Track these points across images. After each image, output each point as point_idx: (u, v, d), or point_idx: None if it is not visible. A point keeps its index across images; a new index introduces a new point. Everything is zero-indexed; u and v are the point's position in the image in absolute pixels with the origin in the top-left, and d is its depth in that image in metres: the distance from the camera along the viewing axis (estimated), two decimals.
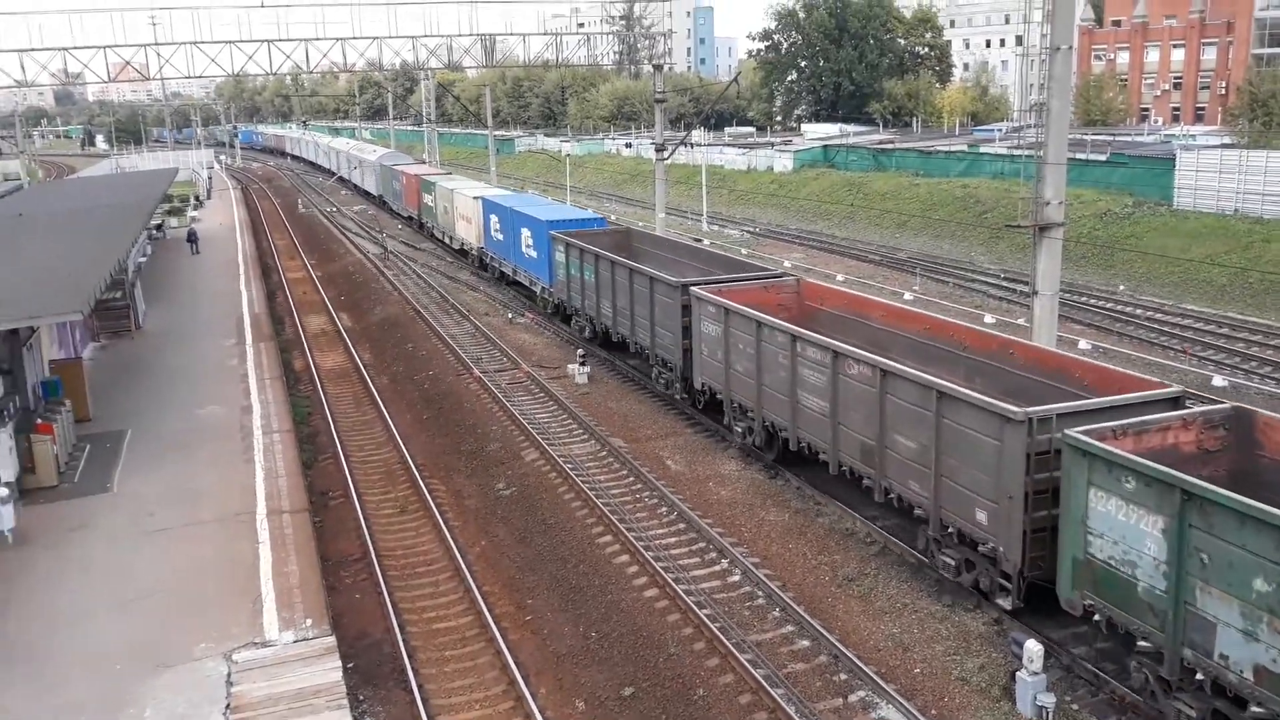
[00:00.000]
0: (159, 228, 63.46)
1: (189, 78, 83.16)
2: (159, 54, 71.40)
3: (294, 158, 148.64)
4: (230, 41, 72.70)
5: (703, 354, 26.67)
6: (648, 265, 32.03)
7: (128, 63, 70.44)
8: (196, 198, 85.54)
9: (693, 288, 27.20)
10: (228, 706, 14.60)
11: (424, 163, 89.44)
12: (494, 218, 47.61)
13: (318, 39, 75.26)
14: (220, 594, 17.88)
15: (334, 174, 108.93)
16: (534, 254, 41.24)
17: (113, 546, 19.94)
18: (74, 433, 25.87)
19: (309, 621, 16.90)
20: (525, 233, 42.11)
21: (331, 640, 16.40)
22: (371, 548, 22.30)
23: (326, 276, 57.61)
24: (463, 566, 21.28)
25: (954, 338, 22.95)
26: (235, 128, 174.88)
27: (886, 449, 19.80)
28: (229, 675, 15.39)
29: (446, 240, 59.95)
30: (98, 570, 18.95)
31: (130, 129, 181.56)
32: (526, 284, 44.20)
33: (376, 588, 20.66)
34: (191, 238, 58.45)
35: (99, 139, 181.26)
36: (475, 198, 50.99)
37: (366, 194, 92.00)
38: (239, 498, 22.17)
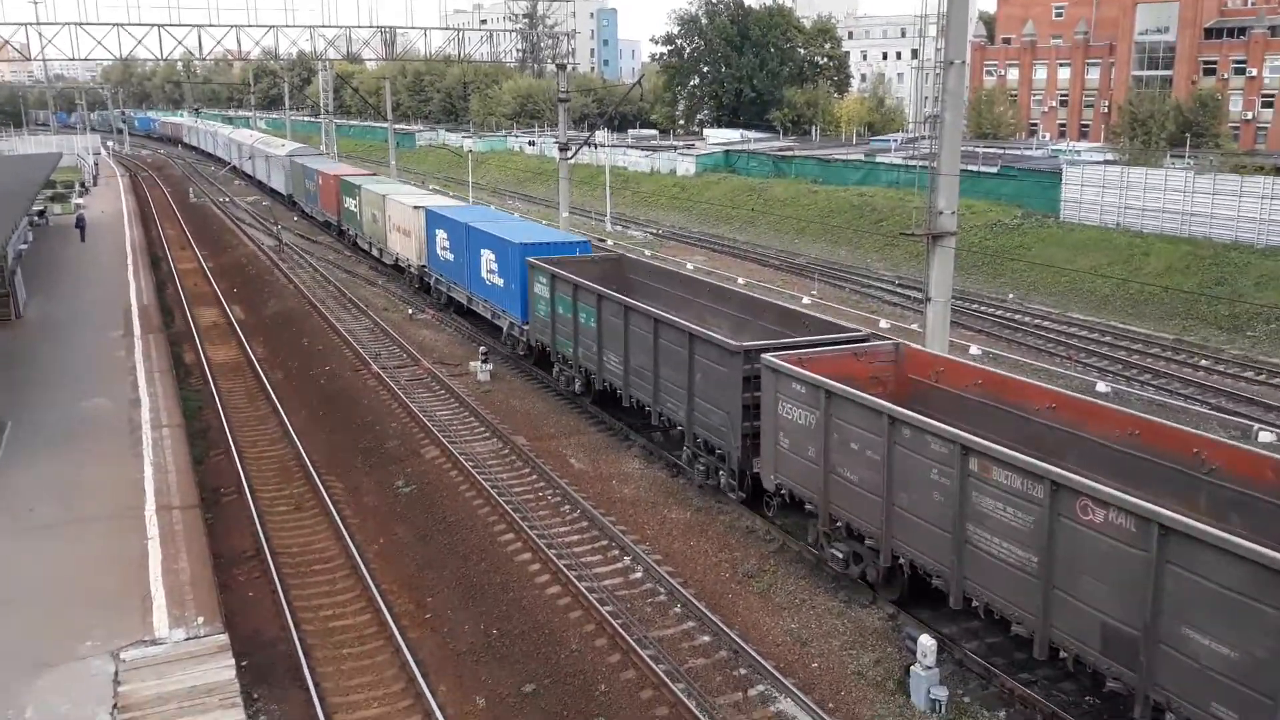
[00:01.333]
0: (41, 214, 60.98)
1: (73, 60, 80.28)
2: (40, 34, 68.76)
3: (191, 148, 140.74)
4: (118, 24, 70.36)
5: (780, 445, 19.90)
6: (644, 301, 27.09)
7: (6, 41, 67.64)
8: (82, 184, 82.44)
9: (766, 355, 20.14)
10: (115, 706, 14.15)
11: (322, 154, 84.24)
12: (441, 233, 40.41)
13: (211, 25, 73.63)
14: (107, 592, 17.30)
15: (228, 164, 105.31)
16: (499, 281, 34.27)
17: None
18: None
19: (200, 619, 16.48)
20: (487, 255, 35.13)
21: (224, 638, 16.02)
22: (265, 545, 21.81)
23: (219, 268, 56.08)
24: (360, 564, 20.97)
25: (1187, 451, 15.63)
26: (124, 113, 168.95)
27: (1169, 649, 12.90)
28: (116, 674, 14.91)
29: (375, 253, 52.23)
30: None
31: (10, 110, 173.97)
32: (488, 317, 36.35)
33: (271, 585, 20.21)
34: (80, 224, 56.32)
35: None
36: (416, 207, 43.51)
37: (273, 192, 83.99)
38: (127, 493, 21.47)
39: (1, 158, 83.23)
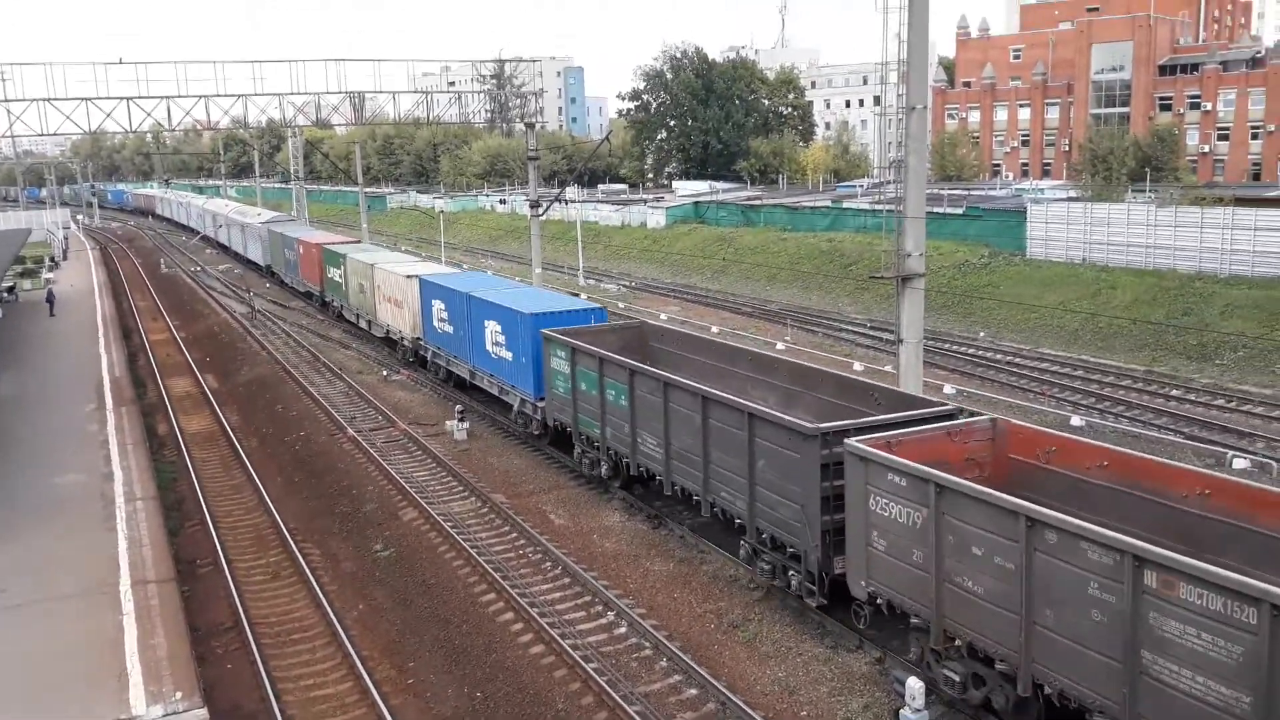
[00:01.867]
0: (10, 290, 60.66)
1: (42, 135, 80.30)
2: (9, 110, 68.87)
3: (164, 219, 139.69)
4: (87, 99, 70.58)
5: (874, 547, 16.69)
6: (673, 371, 24.87)
7: None
8: (52, 259, 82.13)
9: (851, 441, 17.17)
10: None
11: (298, 221, 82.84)
12: (438, 304, 37.77)
13: (180, 96, 73.72)
14: (83, 670, 16.97)
15: (200, 235, 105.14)
16: (506, 354, 31.88)
17: None
18: None
19: (179, 695, 16.18)
20: (492, 327, 32.73)
21: (203, 713, 15.74)
22: (243, 616, 21.50)
23: (191, 337, 55.84)
24: (340, 631, 20.69)
25: None
26: (94, 186, 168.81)
27: None
28: None
29: (363, 325, 49.15)
30: None
31: None
32: (494, 393, 33.96)
33: (250, 657, 19.90)
34: (50, 299, 56.06)
35: None
36: (409, 276, 40.93)
37: (250, 263, 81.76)
38: (101, 568, 21.15)
39: None
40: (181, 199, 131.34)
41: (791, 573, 19.33)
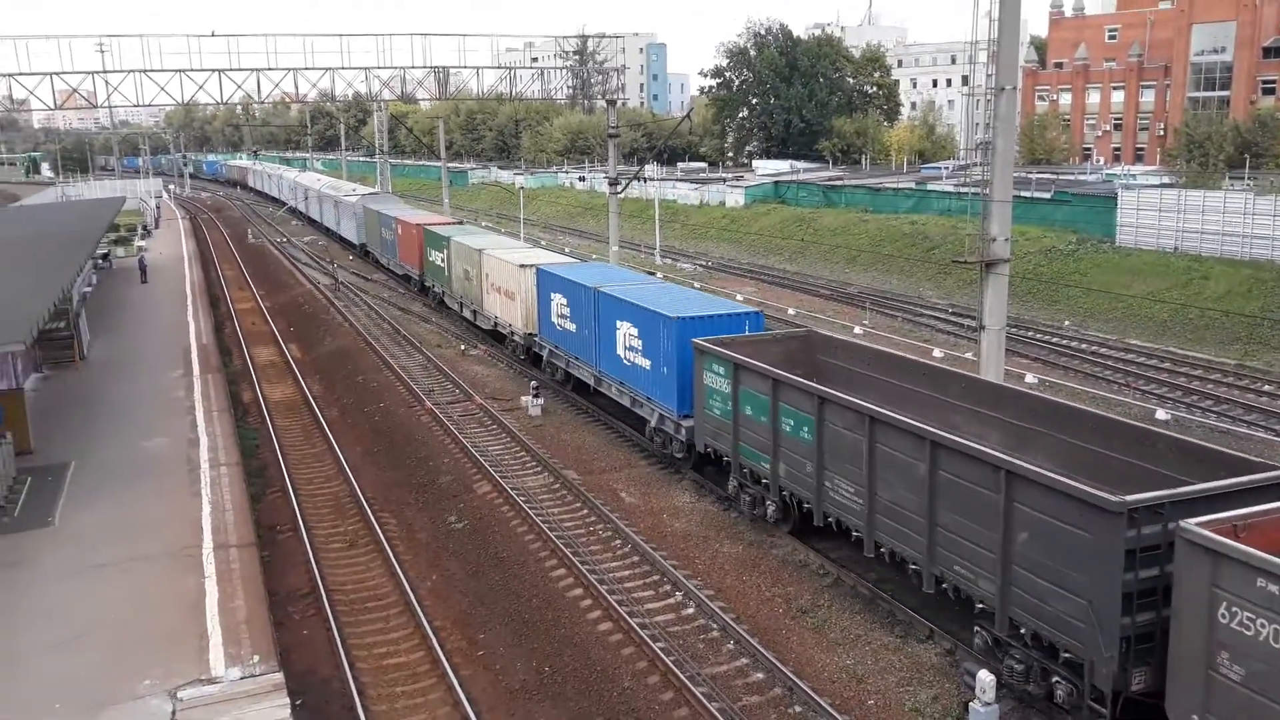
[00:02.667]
0: (105, 257, 62.52)
1: (137, 106, 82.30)
2: (107, 81, 70.70)
3: (255, 191, 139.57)
4: (180, 70, 72.15)
5: (1225, 673, 12.27)
6: (848, 392, 20.69)
7: (74, 90, 69.60)
8: (144, 227, 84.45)
9: (1187, 525, 12.84)
10: None
11: (389, 195, 78.64)
12: (559, 298, 34.08)
13: (269, 69, 74.92)
14: (165, 630, 17.49)
15: (292, 208, 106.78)
16: (643, 362, 27.87)
17: (54, 583, 19.44)
18: (14, 465, 25.28)
19: (256, 658, 16.59)
20: (626, 329, 28.85)
21: (279, 677, 16.11)
22: (320, 583, 21.98)
23: (276, 307, 57.05)
24: (413, 601, 21.04)
25: None
26: (185, 157, 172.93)
27: None
28: (173, 713, 15.03)
29: (467, 315, 45.71)
30: (37, 608, 18.45)
31: (77, 157, 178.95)
32: (625, 403, 29.69)
33: (325, 623, 20.35)
34: (142, 266, 57.69)
35: (44, 167, 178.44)
36: (523, 266, 37.48)
37: (343, 240, 78.89)
38: (185, 532, 21.76)
39: (69, 203, 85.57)
40: (273, 171, 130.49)
41: (1056, 680, 15.13)
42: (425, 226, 52.86)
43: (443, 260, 48.52)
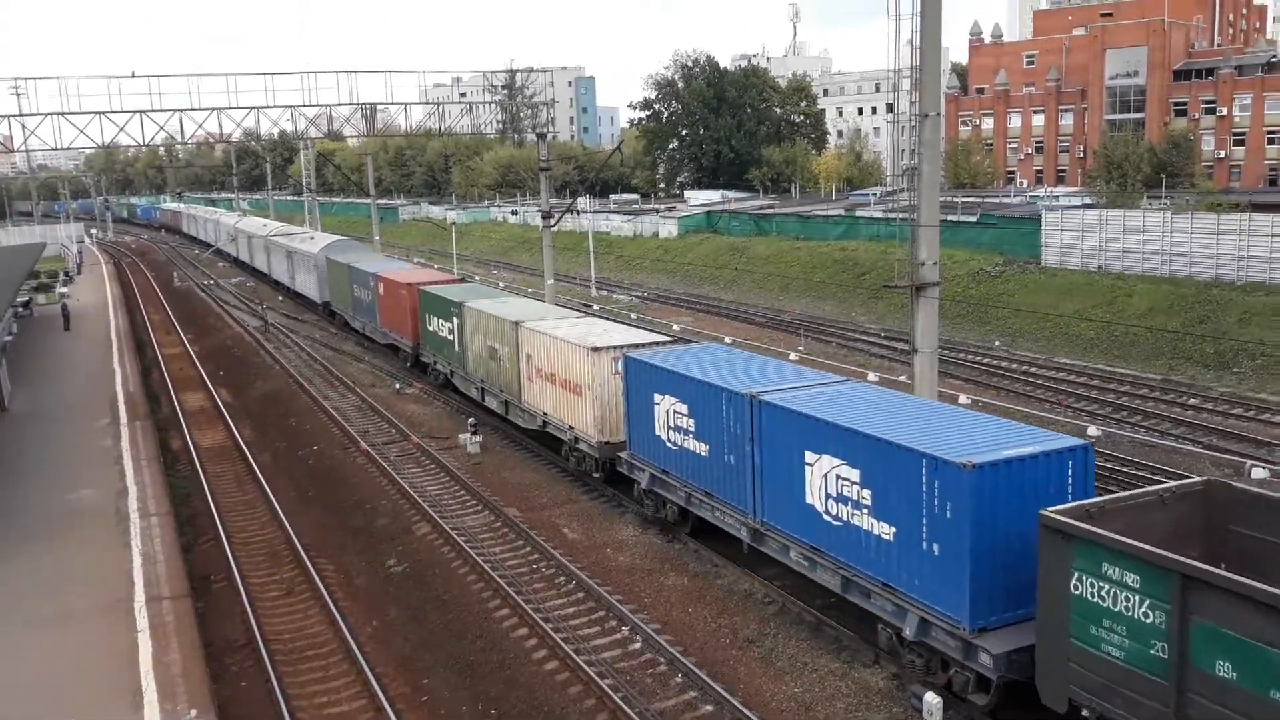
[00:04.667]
0: (26, 305, 60.95)
1: (56, 149, 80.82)
2: (23, 125, 69.31)
3: (190, 237, 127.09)
4: (100, 112, 70.92)
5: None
6: None
7: None
8: (66, 273, 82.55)
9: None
10: None
11: (361, 244, 67.58)
12: (671, 403, 23.96)
13: (192, 109, 73.98)
14: (98, 687, 16.94)
15: (210, 246, 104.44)
16: (880, 529, 17.66)
17: None
18: None
19: (193, 712, 16.15)
20: (831, 466, 18.75)
21: None
22: (258, 632, 21.43)
23: (204, 352, 55.96)
24: (354, 648, 20.59)
25: None
26: (107, 201, 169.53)
27: None
28: None
29: (495, 406, 35.02)
30: None
31: None
32: (833, 586, 19.12)
33: (264, 674, 19.82)
34: (64, 313, 56.34)
35: None
36: (597, 350, 27.16)
37: (299, 296, 68.01)
38: (116, 584, 21.14)
39: None
40: (210, 215, 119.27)
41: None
42: (422, 288, 42.11)
43: (451, 331, 38.40)
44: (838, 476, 18.55)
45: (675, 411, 23.83)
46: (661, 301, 65.67)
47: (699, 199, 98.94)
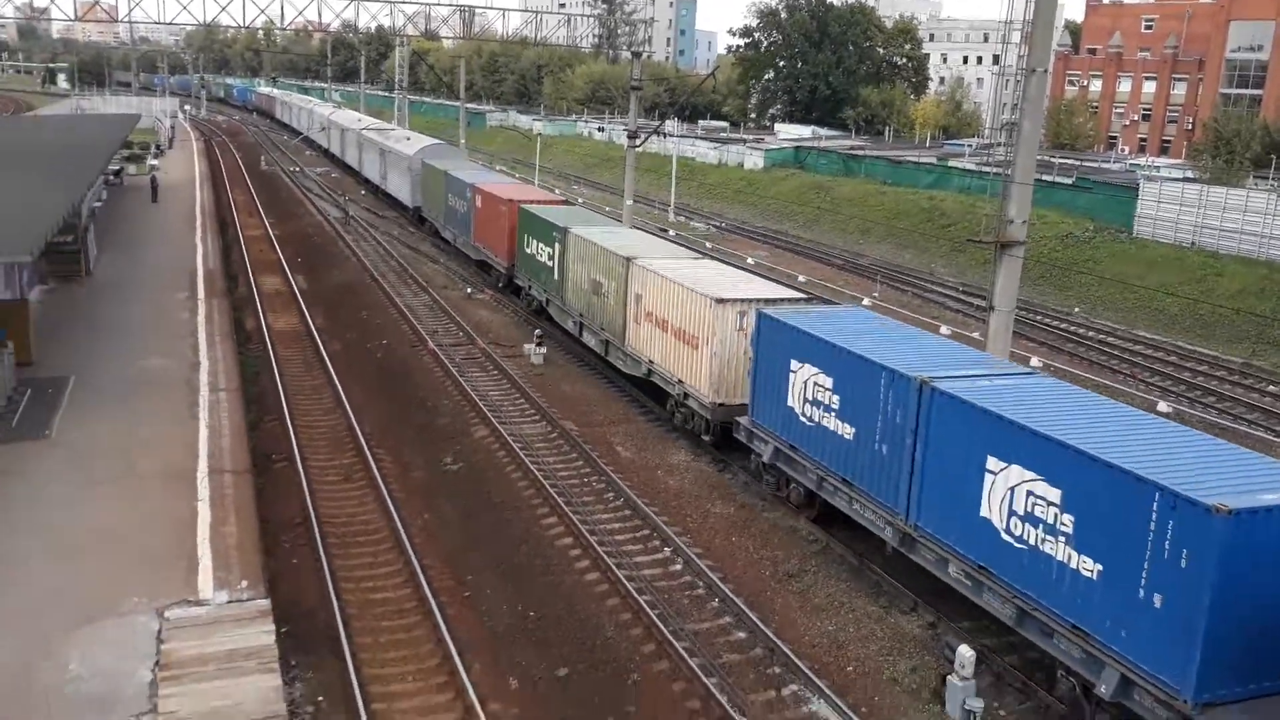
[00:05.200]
0: (117, 174, 62.21)
1: (158, 23, 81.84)
2: None
3: (281, 123, 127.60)
4: None
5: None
6: None
7: (96, 2, 69.05)
8: (158, 146, 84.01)
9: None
10: (156, 663, 14.36)
11: (458, 152, 63.01)
12: (810, 372, 21.17)
13: None
14: (155, 550, 17.57)
15: (298, 133, 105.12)
16: (1084, 564, 15.00)
17: (48, 496, 19.52)
18: (14, 376, 25.30)
19: (244, 583, 16.67)
20: (1028, 483, 15.91)
21: (266, 603, 16.18)
22: (313, 513, 22.03)
23: (284, 236, 56.83)
24: (404, 538, 21.09)
25: None
26: (204, 78, 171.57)
27: None
28: (159, 632, 15.13)
29: (593, 343, 32.77)
30: (27, 519, 18.52)
31: (95, 70, 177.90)
32: (1004, 615, 16.46)
33: (315, 554, 20.41)
34: (153, 185, 57.47)
35: (60, 78, 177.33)
36: (721, 301, 24.52)
37: (390, 199, 65.63)
38: (181, 454, 21.79)
39: (83, 116, 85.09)
40: (304, 104, 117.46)
41: None
42: (523, 206, 39.55)
43: (551, 257, 35.87)
44: (1029, 493, 15.78)
45: (816, 384, 20.93)
46: (739, 233, 65.13)
47: (789, 133, 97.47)
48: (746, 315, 24.11)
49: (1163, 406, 31.67)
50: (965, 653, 15.60)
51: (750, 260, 52.18)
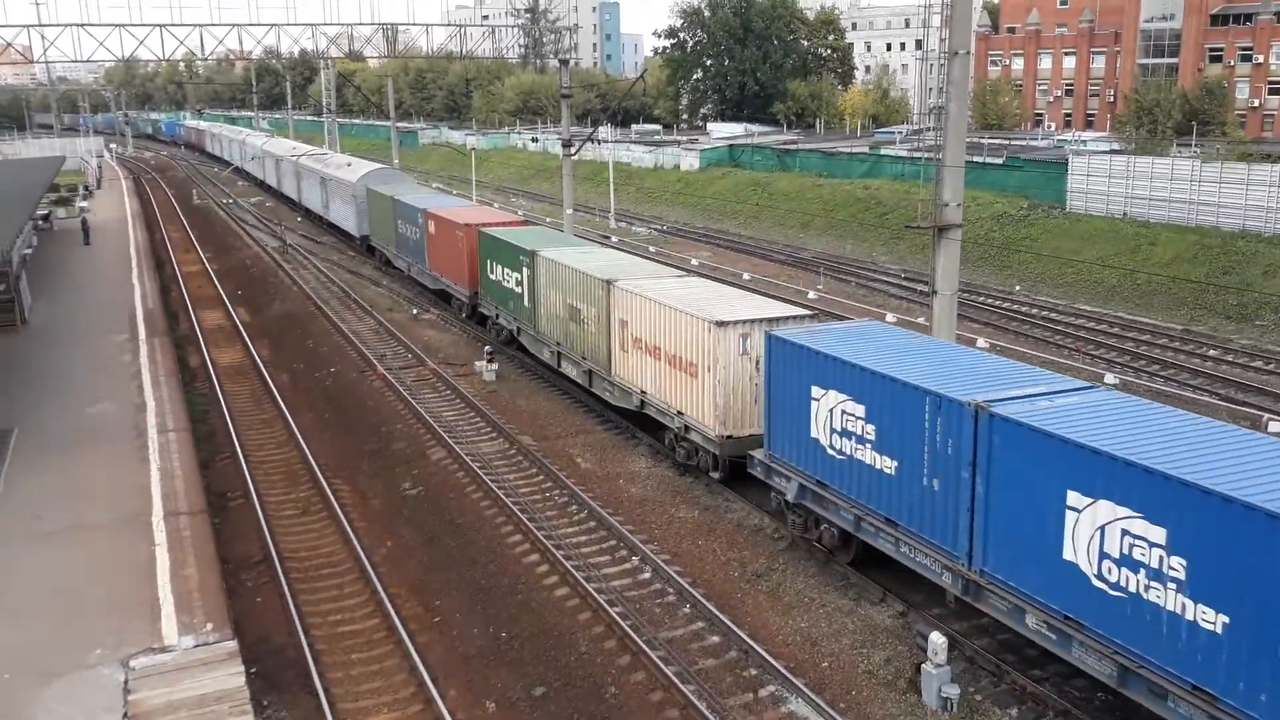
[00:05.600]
0: (46, 218, 60.98)
1: (76, 61, 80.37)
2: (43, 35, 68.86)
3: (211, 156, 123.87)
4: (120, 25, 70.37)
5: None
6: None
7: (9, 44, 67.66)
8: (86, 187, 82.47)
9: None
10: (125, 715, 14.10)
11: (400, 174, 60.24)
12: (836, 400, 18.90)
13: (213, 24, 73.38)
14: (116, 599, 17.24)
15: (230, 165, 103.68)
16: (1204, 619, 12.91)
17: (1, 550, 19.09)
18: None
19: (209, 626, 16.42)
20: (1111, 520, 13.93)
21: (233, 645, 15.96)
22: (273, 549, 21.73)
23: (223, 270, 56.04)
24: (368, 568, 20.88)
25: None
26: (126, 115, 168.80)
27: None
28: (126, 682, 14.86)
29: (574, 374, 30.46)
30: None
31: (13, 114, 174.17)
32: (1101, 672, 14.38)
33: (279, 591, 20.15)
34: (84, 227, 56.41)
35: None
36: (722, 324, 22.47)
37: (334, 228, 62.82)
38: (134, 499, 21.42)
39: (6, 161, 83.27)
40: (236, 135, 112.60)
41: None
42: (483, 229, 37.21)
43: (519, 282, 33.60)
44: (1124, 532, 13.62)
45: (845, 412, 18.54)
46: (681, 235, 65.32)
47: (722, 132, 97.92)
48: (750, 337, 22.43)
49: (1109, 378, 32.25)
50: (937, 640, 15.77)
51: (695, 261, 52.36)
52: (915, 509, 17.20)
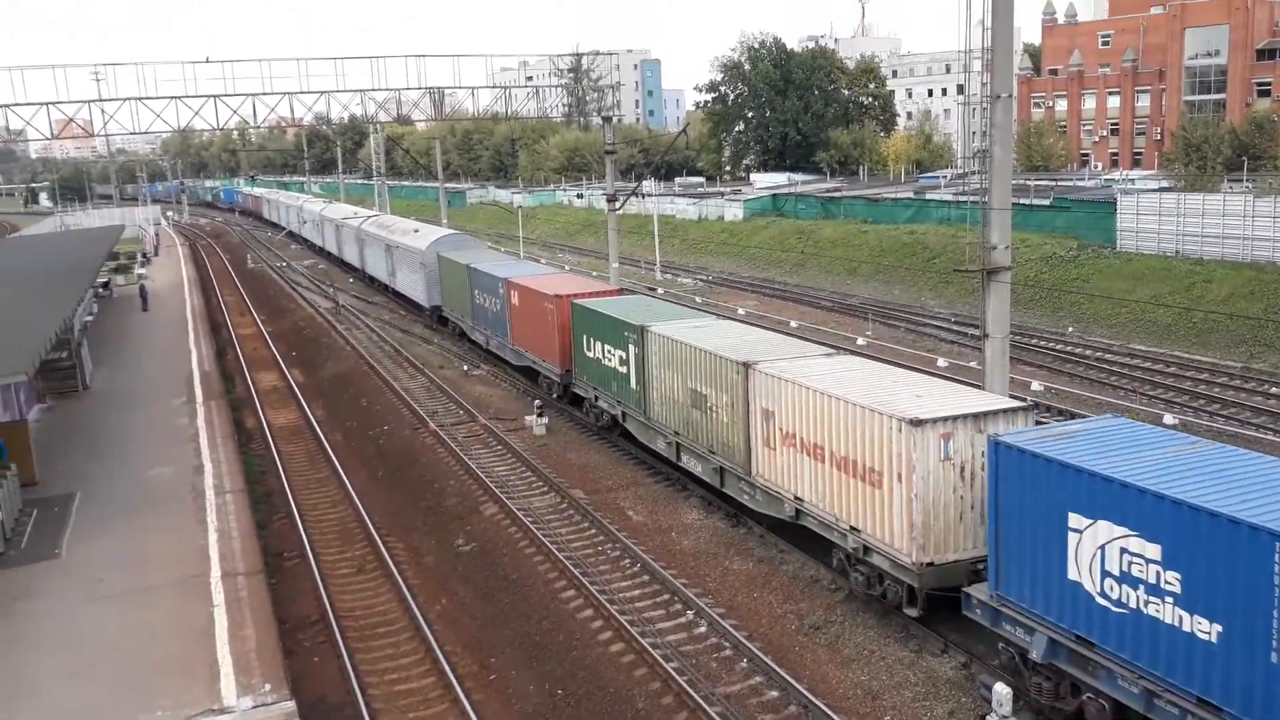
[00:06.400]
0: (105, 285, 62.52)
1: (133, 133, 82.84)
2: (103, 110, 71.06)
3: (270, 224, 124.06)
4: (175, 97, 72.44)
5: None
6: None
7: (71, 119, 69.86)
8: (144, 254, 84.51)
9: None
10: None
11: (448, 233, 56.55)
12: (1118, 537, 14.17)
13: (264, 94, 75.24)
14: (175, 660, 17.38)
15: (284, 229, 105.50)
16: None
17: (61, 615, 19.34)
18: (20, 497, 25.18)
19: (268, 686, 16.48)
20: None
21: (291, 705, 16.00)
22: (329, 609, 21.85)
23: (277, 332, 56.99)
24: (423, 626, 20.91)
25: None
26: (183, 184, 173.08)
27: None
28: None
29: (697, 469, 26.16)
30: (45, 640, 18.35)
31: (75, 185, 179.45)
32: None
33: (336, 650, 20.22)
34: (142, 294, 57.76)
35: (42, 197, 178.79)
36: (918, 422, 17.76)
37: (401, 297, 59.71)
38: (192, 560, 21.66)
39: (68, 232, 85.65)
40: (293, 201, 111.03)
41: None
42: (576, 301, 33.60)
43: (624, 361, 29.70)
44: None
45: (1126, 551, 14.12)
46: (726, 285, 65.43)
47: (765, 182, 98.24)
48: (952, 438, 17.88)
49: (1168, 419, 31.64)
50: (1001, 691, 15.42)
51: (741, 310, 52.36)
52: (1251, 696, 12.68)
